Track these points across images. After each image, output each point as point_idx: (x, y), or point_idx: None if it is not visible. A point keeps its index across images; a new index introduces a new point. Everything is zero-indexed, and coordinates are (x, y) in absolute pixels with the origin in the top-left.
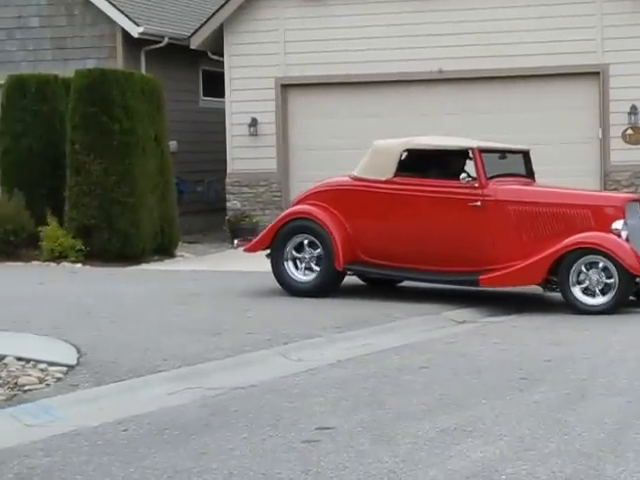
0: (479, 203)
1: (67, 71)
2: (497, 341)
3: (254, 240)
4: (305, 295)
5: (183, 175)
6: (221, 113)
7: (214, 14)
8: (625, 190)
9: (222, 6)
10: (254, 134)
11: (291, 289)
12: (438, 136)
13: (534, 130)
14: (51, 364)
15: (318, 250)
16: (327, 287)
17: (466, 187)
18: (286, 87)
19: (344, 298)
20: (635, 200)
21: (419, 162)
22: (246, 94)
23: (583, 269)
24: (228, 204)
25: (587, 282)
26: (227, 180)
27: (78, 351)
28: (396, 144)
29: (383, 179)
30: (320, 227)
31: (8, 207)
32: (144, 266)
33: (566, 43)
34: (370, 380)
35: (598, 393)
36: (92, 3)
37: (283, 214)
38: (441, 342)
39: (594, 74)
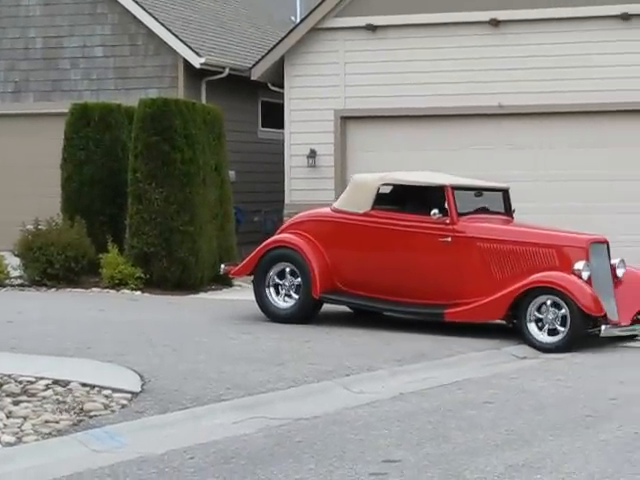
0: (449, 239)
1: (129, 100)
2: (560, 378)
3: (239, 266)
4: (284, 322)
5: (241, 205)
6: (279, 144)
7: (275, 46)
8: None
9: (283, 38)
10: (312, 165)
11: (271, 315)
12: (419, 172)
13: (596, 166)
14: (115, 390)
15: (298, 278)
16: (305, 315)
17: (438, 223)
18: (345, 119)
19: (404, 331)
20: (600, 242)
21: (398, 196)
22: (305, 125)
23: (540, 307)
24: None
25: (543, 320)
26: (285, 211)
27: (142, 378)
28: (374, 178)
29: (361, 212)
30: (300, 256)
31: (70, 234)
32: (202, 295)
33: (632, 80)
34: (434, 414)
35: None
36: (155, 34)
37: (266, 242)
38: (504, 378)
39: None
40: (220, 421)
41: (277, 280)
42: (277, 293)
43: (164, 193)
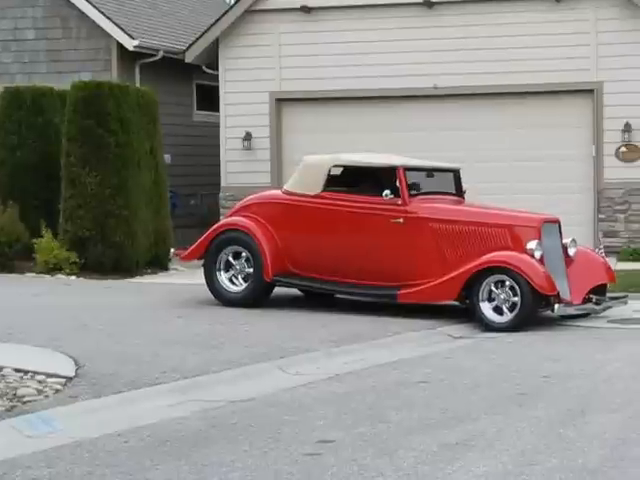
0: (401, 220)
1: (62, 84)
2: (494, 357)
3: (189, 249)
4: (235, 305)
5: (176, 188)
6: (215, 127)
7: (209, 28)
8: (617, 208)
9: (217, 20)
10: (248, 148)
11: (222, 299)
12: (368, 153)
13: (528, 147)
14: (49, 376)
15: (249, 262)
16: (256, 298)
17: (389, 204)
18: (280, 101)
19: (338, 313)
20: (552, 221)
21: (349, 178)
22: (240, 108)
23: (493, 287)
24: (222, 218)
25: (496, 300)
26: (221, 194)
27: (76, 363)
28: (325, 160)
29: (312, 194)
30: (250, 239)
31: (3, 218)
32: (138, 279)
33: (560, 61)
34: (369, 394)
35: (598, 409)
36: (87, 16)
37: (216, 225)
38: (439, 357)
39: (588, 92)
40: (155, 405)
41: (228, 263)
42: (228, 277)
43: (98, 177)
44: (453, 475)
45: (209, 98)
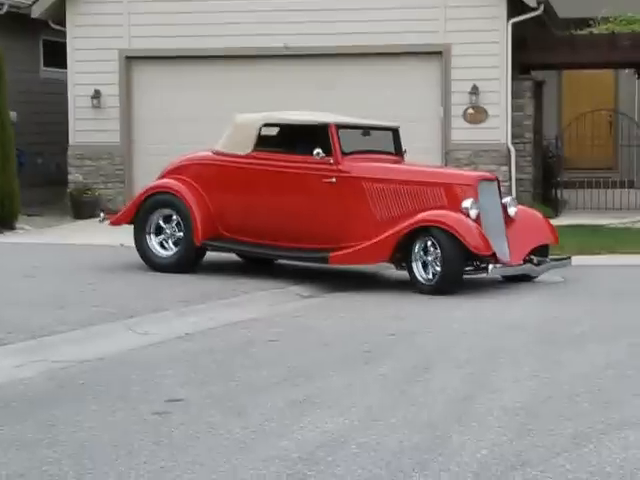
0: (334, 179)
1: None
2: (343, 315)
3: (119, 214)
4: (166, 270)
5: (23, 147)
6: (63, 84)
7: None
8: (466, 168)
9: None
10: (97, 106)
11: (153, 264)
12: (300, 111)
13: (378, 107)
14: None
15: (179, 225)
16: (187, 262)
17: (321, 163)
18: (130, 59)
19: (191, 274)
20: (489, 179)
21: (280, 138)
22: (89, 65)
23: (430, 248)
24: (70, 177)
25: (426, 260)
26: (69, 153)
27: None
28: (255, 119)
29: (242, 154)
30: (180, 202)
31: None
32: None
33: (409, 22)
34: (218, 353)
35: (442, 366)
36: None
37: (145, 188)
38: (288, 316)
39: (437, 54)
40: (1, 365)
41: (159, 227)
42: (159, 241)
43: None
44: (300, 432)
45: (58, 55)
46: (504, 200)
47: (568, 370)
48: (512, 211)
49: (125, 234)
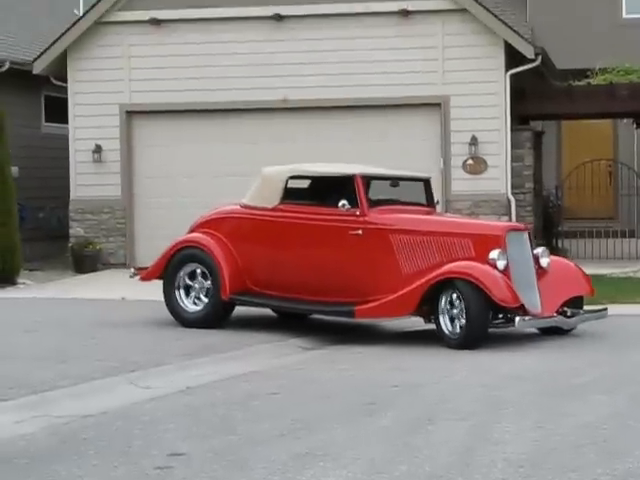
0: (360, 231)
1: None
2: (345, 367)
3: (148, 269)
4: (194, 326)
5: (25, 201)
6: (64, 139)
7: (58, 39)
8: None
9: (66, 31)
10: (98, 161)
11: (181, 319)
12: (325, 163)
13: (378, 159)
14: None
15: (208, 280)
16: (215, 317)
17: (347, 215)
18: (131, 114)
19: (195, 327)
20: (519, 229)
21: (308, 190)
22: (90, 120)
23: (454, 299)
24: (71, 231)
25: (453, 312)
26: (70, 207)
27: None
28: (282, 171)
29: (270, 207)
30: (208, 256)
31: None
32: None
33: (408, 74)
34: (220, 407)
35: (445, 417)
36: None
37: (174, 242)
38: (290, 369)
39: (436, 105)
40: (2, 421)
41: (187, 282)
42: (187, 296)
43: None
44: None
45: (59, 110)
46: (536, 251)
47: (573, 420)
48: (544, 262)
49: (128, 288)
